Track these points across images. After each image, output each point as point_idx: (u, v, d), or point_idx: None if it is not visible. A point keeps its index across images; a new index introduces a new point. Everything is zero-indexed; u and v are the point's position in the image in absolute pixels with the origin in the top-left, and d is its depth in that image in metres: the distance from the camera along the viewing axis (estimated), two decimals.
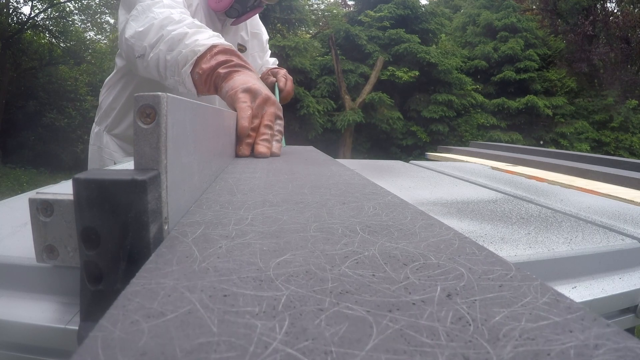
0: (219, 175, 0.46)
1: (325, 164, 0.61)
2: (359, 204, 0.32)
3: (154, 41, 0.80)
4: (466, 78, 8.01)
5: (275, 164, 0.60)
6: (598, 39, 8.83)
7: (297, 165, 0.59)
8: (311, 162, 0.64)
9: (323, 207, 0.31)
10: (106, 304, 0.14)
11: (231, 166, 0.55)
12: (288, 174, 0.48)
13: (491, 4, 8.91)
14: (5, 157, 6.40)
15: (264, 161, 0.64)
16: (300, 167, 0.55)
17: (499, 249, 0.38)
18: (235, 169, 0.52)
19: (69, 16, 8.06)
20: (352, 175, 0.49)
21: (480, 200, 0.62)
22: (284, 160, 0.65)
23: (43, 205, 0.25)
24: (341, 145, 7.07)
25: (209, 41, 0.76)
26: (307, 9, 7.90)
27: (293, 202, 0.32)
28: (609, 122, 8.10)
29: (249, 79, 0.74)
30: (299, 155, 0.77)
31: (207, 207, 0.30)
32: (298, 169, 0.53)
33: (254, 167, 0.54)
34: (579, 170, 0.99)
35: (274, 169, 0.52)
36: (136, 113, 0.23)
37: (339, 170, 0.53)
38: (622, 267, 0.42)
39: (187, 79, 0.77)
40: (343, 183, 0.42)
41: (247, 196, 0.34)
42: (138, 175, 0.21)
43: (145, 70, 0.85)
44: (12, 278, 0.30)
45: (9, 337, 0.28)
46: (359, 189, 0.39)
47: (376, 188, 0.40)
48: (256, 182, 0.41)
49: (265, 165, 0.56)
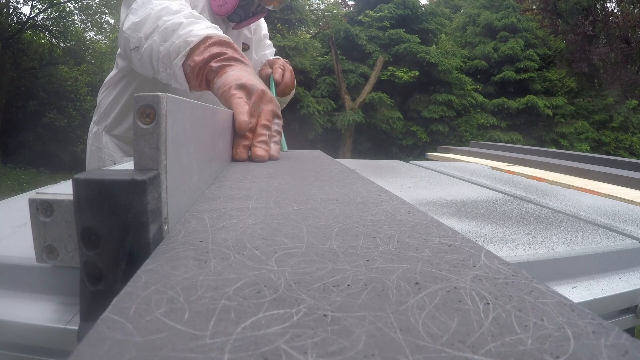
0: (210, 187, 0.38)
1: (346, 179, 0.47)
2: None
3: (149, 32, 0.75)
4: (466, 78, 8.02)
5: (278, 179, 0.44)
6: (598, 39, 8.83)
7: (306, 181, 0.44)
8: (326, 176, 0.49)
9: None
10: (106, 304, 0.14)
11: (224, 174, 0.47)
12: (297, 202, 0.33)
13: (491, 4, 8.91)
14: (5, 157, 6.40)
15: (262, 171, 0.52)
16: (313, 187, 0.40)
17: (499, 249, 0.38)
18: (223, 186, 0.39)
19: (69, 16, 8.07)
20: (397, 204, 0.33)
21: (480, 200, 0.62)
22: (289, 173, 0.50)
23: (43, 205, 0.25)
24: (341, 145, 7.07)
25: (203, 32, 0.71)
26: (307, 9, 7.91)
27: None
28: (609, 122, 8.10)
29: (243, 73, 0.69)
30: (307, 163, 0.64)
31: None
32: (310, 190, 0.38)
33: (248, 183, 0.40)
34: (579, 170, 0.99)
35: (275, 191, 0.37)
36: (136, 113, 0.23)
37: (369, 192, 0.38)
38: (622, 267, 0.42)
39: (178, 72, 0.72)
40: (389, 220, 0.28)
41: None
42: (138, 175, 0.21)
43: (139, 64, 0.81)
44: (12, 278, 0.30)
45: (9, 337, 0.28)
46: (421, 241, 0.23)
47: (454, 238, 0.24)
48: (248, 224, 0.26)
49: (264, 184, 0.40)
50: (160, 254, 0.20)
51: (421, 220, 0.28)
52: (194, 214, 0.28)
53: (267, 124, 0.69)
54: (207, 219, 0.27)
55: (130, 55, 0.81)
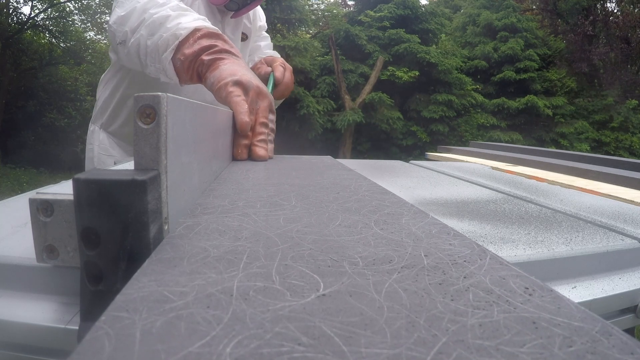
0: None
1: (382, 206, 0.32)
2: None
3: (135, 25, 0.73)
4: (466, 78, 8.02)
5: (286, 211, 0.29)
6: (598, 39, 8.83)
7: (327, 213, 0.29)
8: (351, 200, 0.33)
9: None
10: (106, 304, 0.14)
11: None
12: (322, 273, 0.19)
13: (491, 4, 8.91)
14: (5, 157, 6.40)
15: (263, 192, 0.36)
16: (341, 230, 0.25)
17: (498, 249, 0.38)
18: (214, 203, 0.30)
19: (69, 16, 8.06)
20: None
21: (480, 200, 0.62)
22: (299, 198, 0.33)
23: (43, 205, 0.25)
24: (341, 145, 7.07)
25: (192, 24, 0.70)
26: (307, 9, 7.91)
27: None
28: (609, 122, 8.10)
29: (237, 68, 0.68)
30: (319, 176, 0.46)
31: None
32: (341, 242, 0.23)
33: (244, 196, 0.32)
34: (579, 170, 0.99)
35: (286, 219, 0.27)
36: (136, 113, 0.23)
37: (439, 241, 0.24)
38: (622, 267, 0.42)
39: (168, 66, 0.70)
40: None
41: None
42: (138, 175, 0.21)
43: (127, 58, 0.80)
44: (12, 278, 0.30)
45: (9, 337, 0.28)
46: None
47: None
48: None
49: (265, 213, 0.28)
50: (160, 254, 0.20)
51: None
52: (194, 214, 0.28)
53: (265, 122, 0.69)
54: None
55: (117, 49, 0.80)
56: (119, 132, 1.11)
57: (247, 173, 0.49)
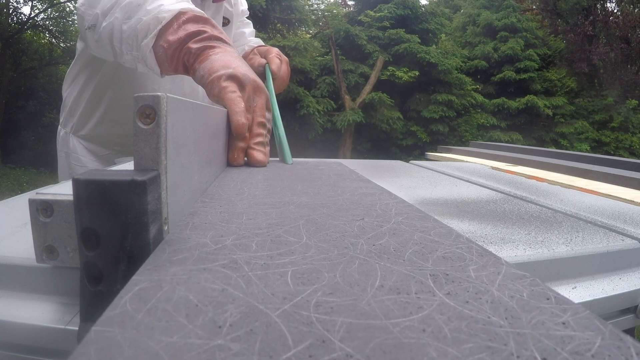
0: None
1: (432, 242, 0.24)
2: None
3: (107, 7, 0.64)
4: (466, 78, 8.02)
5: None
6: (598, 39, 8.83)
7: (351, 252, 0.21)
8: (377, 221, 0.28)
9: None
10: (106, 305, 0.14)
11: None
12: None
13: (491, 4, 8.91)
14: (5, 157, 6.40)
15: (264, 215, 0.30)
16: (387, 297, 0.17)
17: (499, 249, 0.38)
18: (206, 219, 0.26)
19: (69, 16, 8.06)
20: None
21: (480, 200, 0.62)
22: (309, 227, 0.25)
23: (43, 206, 0.25)
24: (341, 146, 7.07)
25: (175, 6, 0.61)
26: (307, 9, 7.90)
27: None
28: (609, 122, 8.10)
29: (230, 59, 0.59)
30: (332, 190, 0.40)
31: None
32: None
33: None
34: (579, 170, 0.99)
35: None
36: (136, 113, 0.23)
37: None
38: (622, 268, 0.42)
39: (148, 55, 0.61)
40: None
41: None
42: (138, 175, 0.21)
43: (96, 45, 0.69)
44: (12, 278, 0.30)
45: (9, 337, 0.28)
46: None
47: None
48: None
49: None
50: (160, 254, 0.20)
51: None
52: (194, 214, 0.28)
53: (263, 121, 0.61)
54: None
55: (86, 35, 0.70)
56: (92, 134, 0.99)
57: (242, 186, 0.41)
